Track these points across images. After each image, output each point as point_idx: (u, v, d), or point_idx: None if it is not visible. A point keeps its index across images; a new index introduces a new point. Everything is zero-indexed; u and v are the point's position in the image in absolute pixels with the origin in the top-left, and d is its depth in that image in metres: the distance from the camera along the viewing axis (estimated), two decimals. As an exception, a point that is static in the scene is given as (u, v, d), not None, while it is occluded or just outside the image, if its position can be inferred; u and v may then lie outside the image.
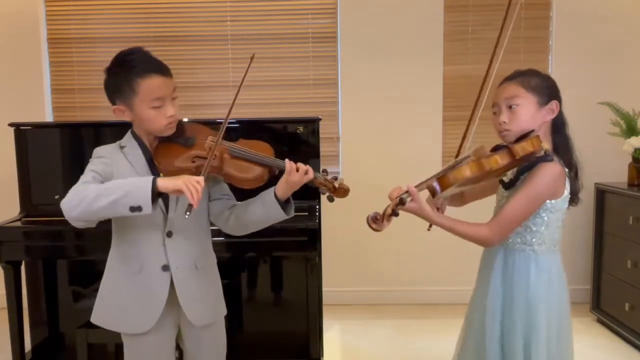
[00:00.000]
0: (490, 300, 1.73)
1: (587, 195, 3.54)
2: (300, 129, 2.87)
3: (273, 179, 1.68)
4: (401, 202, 1.57)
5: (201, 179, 1.46)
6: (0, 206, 3.03)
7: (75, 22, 3.71)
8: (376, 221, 1.61)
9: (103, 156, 1.62)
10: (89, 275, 2.95)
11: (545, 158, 1.62)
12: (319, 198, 2.85)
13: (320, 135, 2.90)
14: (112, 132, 2.92)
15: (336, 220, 3.55)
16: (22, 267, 2.73)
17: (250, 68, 1.65)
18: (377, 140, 3.66)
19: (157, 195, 1.46)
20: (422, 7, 3.63)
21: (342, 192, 1.66)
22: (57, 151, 2.86)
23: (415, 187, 1.59)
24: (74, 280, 2.97)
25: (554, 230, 1.69)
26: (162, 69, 1.58)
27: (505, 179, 1.72)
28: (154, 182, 1.44)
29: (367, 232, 1.66)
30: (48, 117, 3.75)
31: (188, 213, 1.43)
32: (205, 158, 1.59)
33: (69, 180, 2.80)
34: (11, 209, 2.86)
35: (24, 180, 2.83)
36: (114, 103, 1.61)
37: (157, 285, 1.62)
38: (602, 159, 3.61)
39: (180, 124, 1.65)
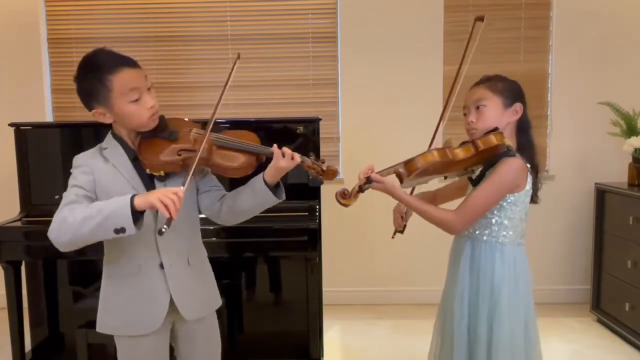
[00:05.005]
0: (458, 287, 1.83)
1: (587, 195, 3.58)
2: (301, 129, 2.87)
3: (261, 166, 1.67)
4: (368, 181, 1.70)
5: (179, 189, 1.42)
6: (0, 206, 3.03)
7: (75, 22, 3.71)
8: (344, 196, 1.71)
9: (80, 165, 1.57)
10: (89, 275, 2.95)
11: (508, 153, 1.73)
12: (319, 198, 2.85)
13: (320, 135, 2.90)
14: (112, 132, 2.93)
15: (336, 220, 3.54)
16: (22, 267, 2.73)
17: (251, 68, 1.65)
18: (377, 140, 3.65)
19: (139, 213, 1.42)
20: (422, 7, 3.63)
21: (331, 174, 1.68)
22: (57, 151, 2.85)
23: (383, 171, 1.72)
24: (74, 280, 2.97)
25: (518, 223, 1.79)
26: (129, 62, 1.55)
27: (473, 176, 1.82)
28: (132, 202, 1.40)
29: (367, 232, 1.68)
30: (48, 117, 3.75)
31: (165, 227, 1.38)
32: (190, 150, 1.57)
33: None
34: (11, 209, 2.86)
35: (24, 180, 2.83)
36: (91, 108, 1.56)
37: (158, 284, 1.61)
38: (602, 159, 3.62)
39: (161, 119, 1.62)
